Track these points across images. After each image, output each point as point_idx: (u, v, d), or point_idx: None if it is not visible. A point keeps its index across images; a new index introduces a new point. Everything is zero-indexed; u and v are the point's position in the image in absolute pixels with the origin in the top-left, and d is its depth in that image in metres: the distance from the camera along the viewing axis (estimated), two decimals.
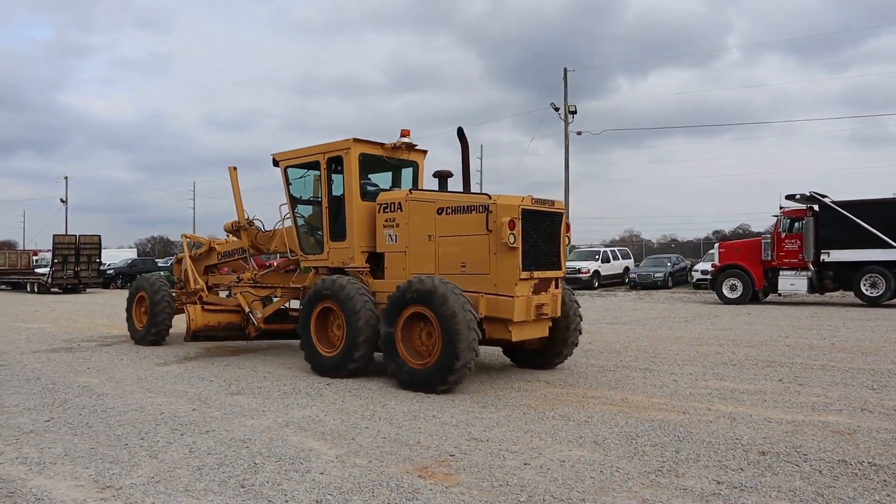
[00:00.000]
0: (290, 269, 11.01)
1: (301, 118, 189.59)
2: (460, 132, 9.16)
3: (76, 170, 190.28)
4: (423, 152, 10.16)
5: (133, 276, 33.28)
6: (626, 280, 33.60)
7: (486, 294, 7.82)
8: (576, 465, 4.87)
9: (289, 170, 10.10)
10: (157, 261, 45.45)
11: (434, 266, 8.34)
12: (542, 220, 8.11)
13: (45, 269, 36.36)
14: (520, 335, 7.95)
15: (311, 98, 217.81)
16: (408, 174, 10.19)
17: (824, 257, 20.23)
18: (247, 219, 11.52)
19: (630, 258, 37.00)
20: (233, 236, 11.99)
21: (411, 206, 8.66)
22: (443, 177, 9.14)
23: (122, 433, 5.88)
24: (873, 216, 19.56)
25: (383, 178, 10.18)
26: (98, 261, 35.34)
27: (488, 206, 7.83)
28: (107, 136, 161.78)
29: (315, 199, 9.97)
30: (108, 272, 38.81)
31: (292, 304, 11.10)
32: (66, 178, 73.21)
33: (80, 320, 17.97)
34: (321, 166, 9.53)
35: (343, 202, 9.32)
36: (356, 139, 9.19)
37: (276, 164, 10.20)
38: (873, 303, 19.56)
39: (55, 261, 33.68)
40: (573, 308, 8.87)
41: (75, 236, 34.98)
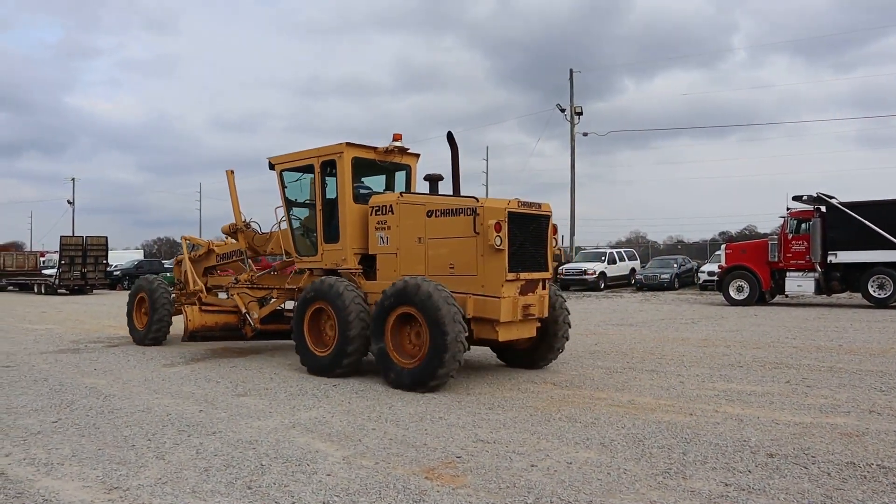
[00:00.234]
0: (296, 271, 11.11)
1: (306, 119, 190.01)
2: (450, 136, 9.36)
3: (82, 171, 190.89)
4: (416, 156, 10.35)
5: None
6: (633, 281, 33.49)
7: (473, 295, 7.99)
8: (583, 467, 4.86)
9: (284, 173, 10.29)
10: (163, 262, 45.58)
11: (424, 268, 8.51)
12: (529, 223, 8.26)
13: (53, 271, 36.49)
14: (507, 335, 8.09)
15: (316, 99, 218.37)
16: (401, 177, 10.38)
17: (831, 258, 20.13)
18: (244, 221, 11.70)
19: (636, 259, 36.87)
20: (231, 238, 12.17)
21: (402, 208, 8.84)
22: (433, 180, 9.33)
23: (129, 434, 5.90)
24: (881, 217, 19.45)
25: (377, 182, 10.36)
26: (105, 262, 35.50)
27: (476, 208, 8.02)
28: (113, 137, 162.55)
29: (309, 202, 10.15)
30: (114, 273, 38.98)
31: (287, 305, 11.21)
32: (72, 179, 73.67)
33: (87, 321, 18.05)
34: (315, 170, 9.70)
35: (336, 205, 9.48)
36: (349, 143, 9.37)
37: (271, 167, 10.40)
38: (881, 304, 19.44)
39: (62, 262, 33.84)
40: (561, 309, 9.02)
41: (82, 237, 35.13)
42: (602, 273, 32.12)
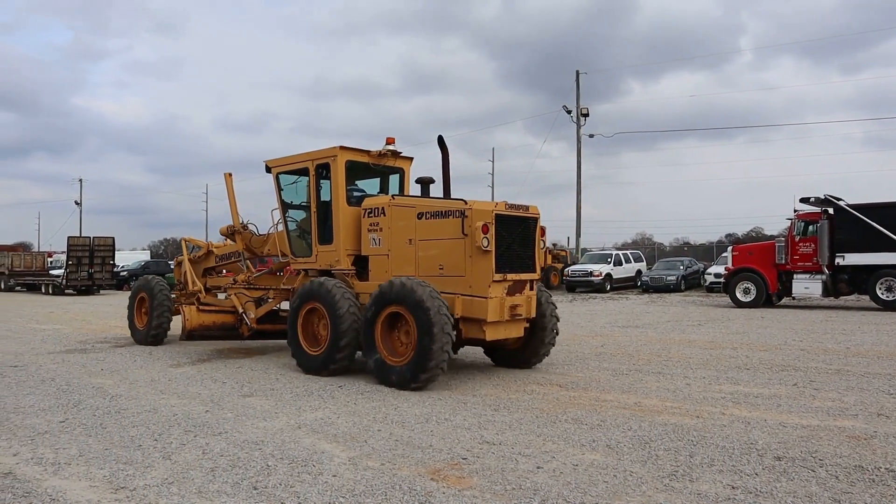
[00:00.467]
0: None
1: (313, 121, 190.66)
2: (440, 140, 9.57)
3: (90, 172, 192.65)
4: (409, 159, 10.54)
5: None
6: (639, 283, 33.41)
7: (461, 295, 8.17)
8: (589, 469, 4.85)
9: (280, 176, 10.46)
10: (169, 263, 45.71)
11: (414, 268, 8.69)
12: (516, 225, 8.43)
13: (60, 271, 36.69)
14: (494, 335, 8.23)
15: (322, 101, 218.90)
16: (395, 180, 10.58)
17: (839, 261, 20.03)
18: (241, 223, 11.89)
19: (642, 261, 36.75)
20: (229, 240, 12.38)
21: (393, 211, 9.02)
22: (424, 183, 9.53)
23: (135, 434, 5.92)
24: (889, 219, 19.33)
25: (372, 185, 10.55)
26: (111, 263, 35.65)
27: (464, 211, 8.19)
28: (120, 138, 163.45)
29: (305, 205, 10.31)
30: (121, 274, 39.12)
31: (283, 306, 11.36)
32: (80, 180, 74.16)
33: (94, 322, 18.13)
34: (310, 173, 9.86)
35: (330, 207, 9.65)
36: (343, 147, 9.53)
37: (268, 170, 10.57)
38: (889, 307, 19.33)
39: (69, 262, 33.98)
40: (549, 309, 9.14)
41: (89, 238, 35.28)
42: (608, 275, 32.06)
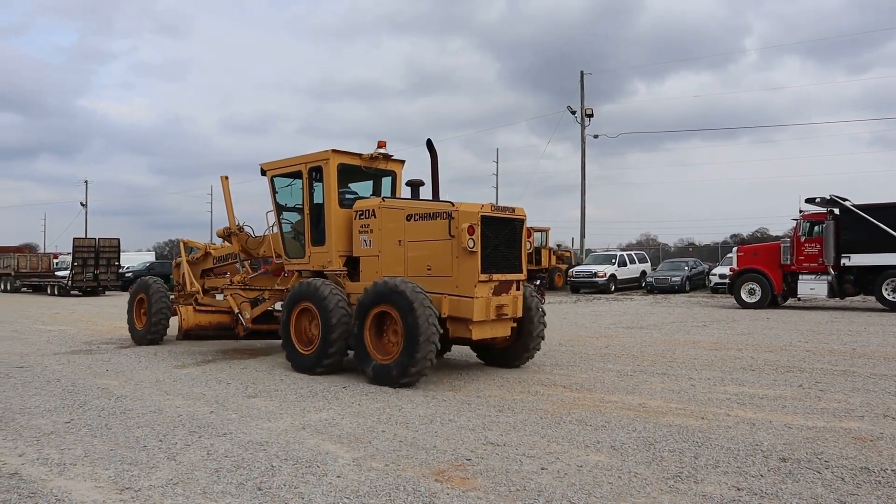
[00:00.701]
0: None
1: (318, 122, 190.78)
2: (429, 143, 9.75)
3: (96, 173, 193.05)
4: (401, 162, 10.67)
5: None
6: (643, 284, 33.32)
7: (448, 295, 8.33)
8: (593, 471, 4.84)
9: (275, 179, 10.59)
10: None
11: (403, 269, 8.86)
12: (502, 227, 8.59)
13: (65, 272, 36.81)
14: (480, 334, 8.40)
15: (327, 102, 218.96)
16: (387, 183, 10.72)
17: (845, 261, 19.95)
18: (237, 225, 12.01)
19: (647, 262, 36.67)
20: (226, 242, 12.51)
21: (384, 213, 9.19)
22: (414, 185, 9.73)
23: (140, 435, 5.94)
24: (895, 220, 19.28)
25: (365, 187, 10.68)
26: (117, 264, 35.76)
27: (451, 213, 8.35)
28: (126, 140, 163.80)
29: (298, 207, 10.42)
30: (126, 275, 39.23)
31: (277, 306, 11.45)
32: (85, 181, 74.55)
33: (99, 322, 18.19)
34: (303, 176, 9.98)
35: (323, 209, 9.77)
36: (335, 150, 9.68)
37: (263, 173, 10.70)
38: (895, 308, 19.27)
39: (75, 264, 34.12)
40: (536, 309, 9.28)
41: (95, 239, 35.38)
42: (612, 275, 32.01)
